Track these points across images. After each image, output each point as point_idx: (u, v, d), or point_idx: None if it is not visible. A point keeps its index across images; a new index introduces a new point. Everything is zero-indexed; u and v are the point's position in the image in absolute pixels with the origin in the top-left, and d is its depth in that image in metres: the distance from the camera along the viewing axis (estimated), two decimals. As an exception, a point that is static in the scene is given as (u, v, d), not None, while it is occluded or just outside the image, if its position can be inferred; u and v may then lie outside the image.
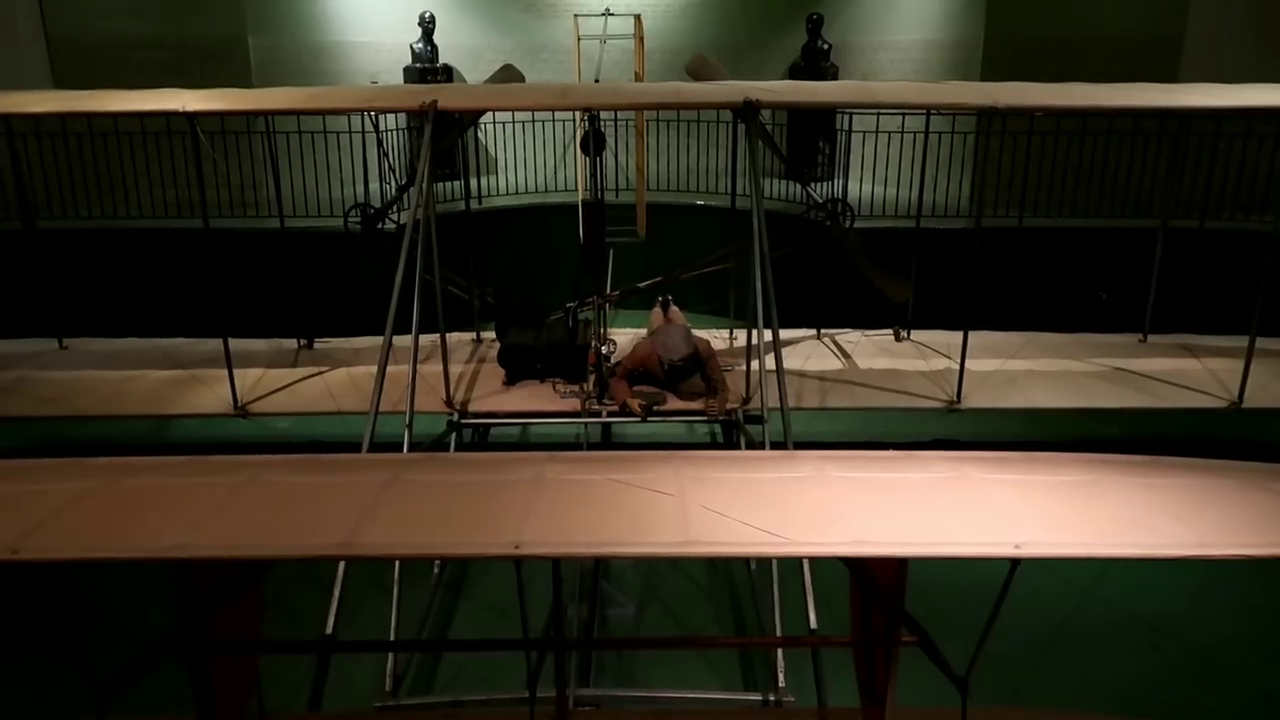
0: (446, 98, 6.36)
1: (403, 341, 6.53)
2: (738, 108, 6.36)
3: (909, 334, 8.72)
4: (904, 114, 10.71)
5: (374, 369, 6.25)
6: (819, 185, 12.10)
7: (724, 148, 12.17)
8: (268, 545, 2.98)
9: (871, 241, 8.68)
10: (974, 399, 7.32)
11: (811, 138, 13.39)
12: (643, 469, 3.46)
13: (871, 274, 8.18)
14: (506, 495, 3.24)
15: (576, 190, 10.92)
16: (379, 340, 6.22)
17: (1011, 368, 7.89)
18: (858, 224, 8.67)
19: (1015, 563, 2.94)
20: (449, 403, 7.12)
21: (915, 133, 10.47)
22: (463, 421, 7.11)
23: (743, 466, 3.69)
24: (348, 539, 2.90)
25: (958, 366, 7.33)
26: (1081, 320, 9.10)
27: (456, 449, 7.11)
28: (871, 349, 8.43)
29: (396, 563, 5.65)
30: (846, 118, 11.60)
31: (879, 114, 11.02)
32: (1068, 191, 11.43)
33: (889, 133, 11.24)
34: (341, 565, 5.24)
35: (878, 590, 3.58)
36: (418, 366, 6.43)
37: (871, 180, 11.82)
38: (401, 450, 6.09)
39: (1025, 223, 10.91)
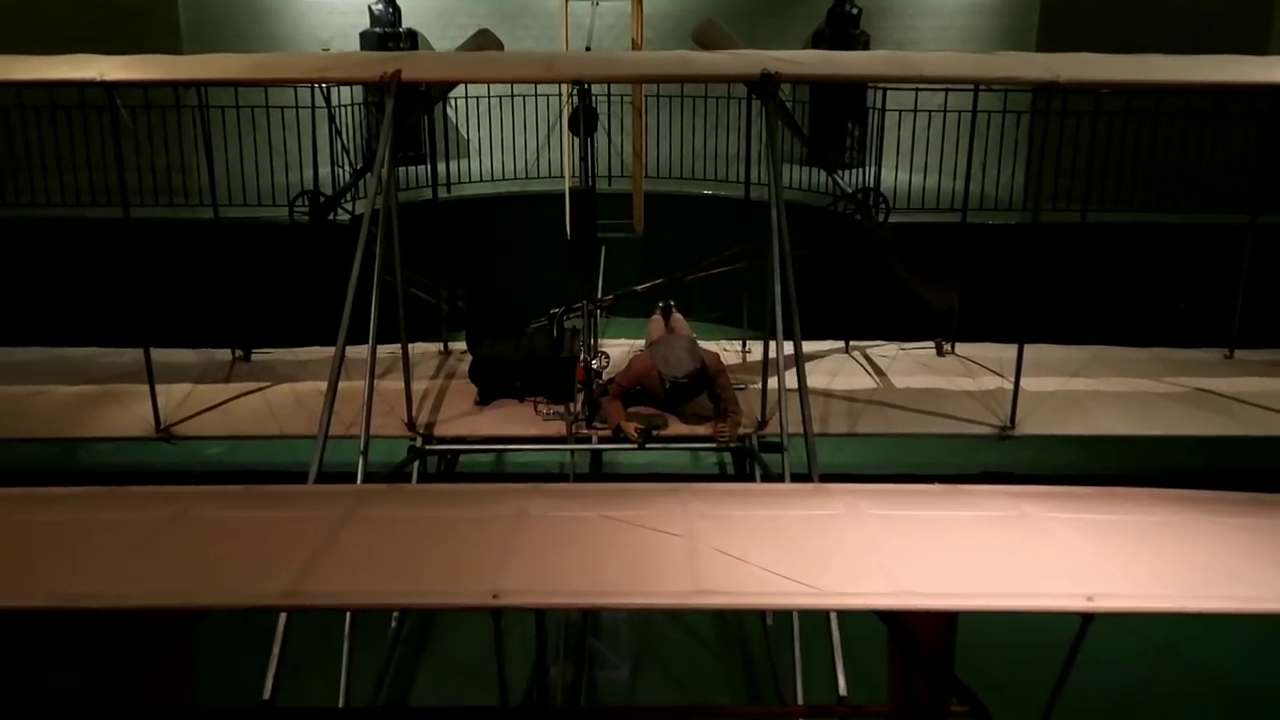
0: (411, 68, 6.36)
1: (357, 353, 6.52)
2: (753, 82, 6.36)
3: (953, 347, 8.72)
4: (947, 90, 10.75)
5: (323, 385, 6.23)
6: (847, 173, 12.14)
7: (736, 129, 12.21)
8: (196, 593, 2.95)
9: (909, 238, 8.69)
10: (1031, 424, 7.31)
11: (839, 117, 13.44)
12: (643, 504, 3.44)
13: (909, 277, 8.17)
14: (481, 535, 3.21)
15: (563, 177, 10.93)
16: (329, 351, 6.21)
17: (1075, 388, 7.90)
18: (893, 218, 8.71)
19: (1087, 618, 2.91)
20: (411, 425, 7.10)
21: (960, 112, 10.50)
22: (427, 448, 7.09)
23: (760, 502, 3.67)
24: (292, 586, 2.89)
25: (1011, 386, 7.33)
26: (1157, 333, 9.11)
27: (420, 480, 7.09)
28: (910, 365, 8.43)
29: (348, 614, 5.62)
30: (879, 94, 11.65)
31: (917, 90, 11.05)
32: (1139, 182, 11.48)
33: (929, 112, 11.28)
34: (283, 617, 5.21)
35: (921, 651, 3.56)
36: (375, 383, 6.41)
37: (909, 167, 11.85)
38: (355, 481, 6.07)
39: (1089, 218, 10.96)
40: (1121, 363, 8.43)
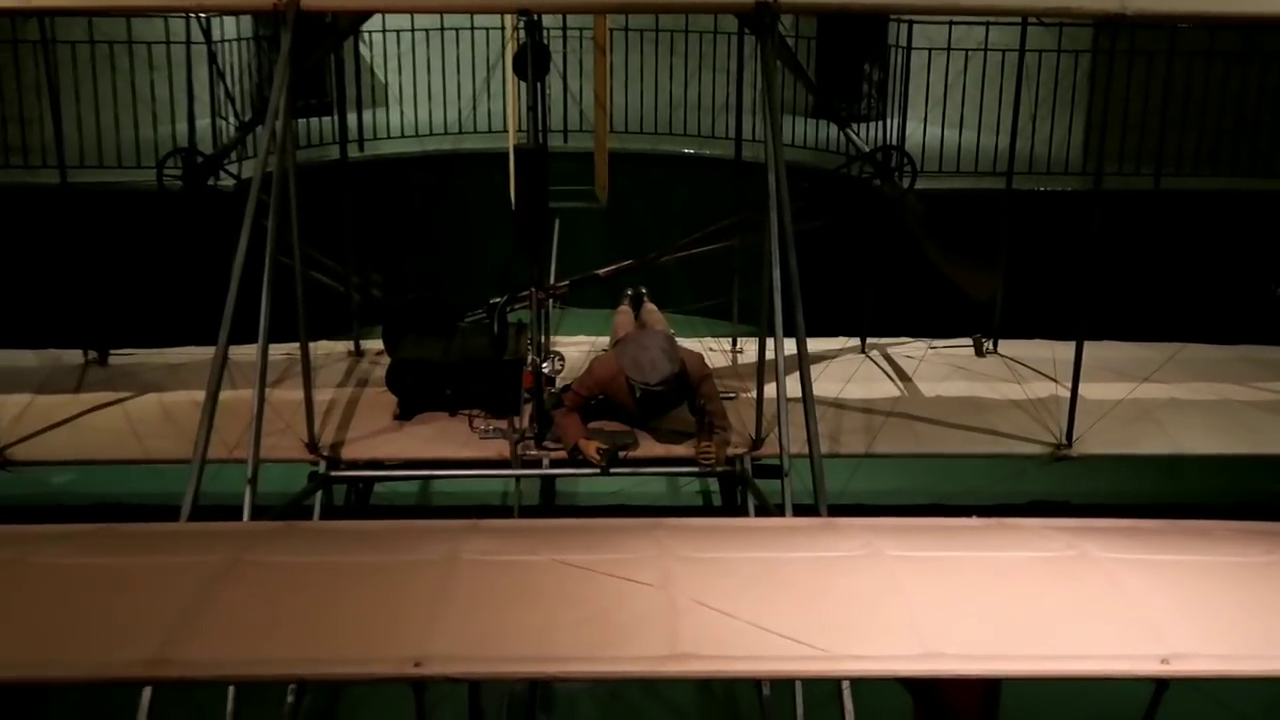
0: (313, -9, 6.34)
1: (244, 355, 6.45)
2: (746, 12, 6.36)
3: (996, 346, 8.76)
4: (988, 23, 10.82)
5: (199, 396, 6.18)
6: (864, 127, 12.18)
7: (725, 72, 12.22)
8: (41, 663, 2.93)
9: (942, 210, 8.73)
10: (1092, 441, 7.35)
11: (853, 58, 13.50)
12: (607, 545, 3.44)
13: (941, 258, 8.21)
14: (401, 586, 3.21)
15: (506, 132, 10.90)
16: (207, 353, 6.16)
17: (1146, 395, 7.97)
18: (921, 184, 8.73)
19: (1161, 685, 2.94)
20: (313, 446, 7.06)
21: (1005, 51, 10.59)
22: (334, 474, 7.06)
23: (754, 542, 3.68)
24: (160, 652, 2.86)
25: (1067, 393, 7.38)
26: (1246, 327, 9.22)
27: (324, 515, 7.05)
28: (942, 368, 8.46)
29: (231, 689, 5.57)
30: (904, 28, 11.72)
31: (951, 23, 11.09)
32: (1226, 139, 11.60)
33: (966, 50, 11.35)
34: (148, 692, 5.16)
35: (956, 726, 3.58)
36: (267, 392, 6.38)
37: (940, 120, 11.92)
38: (241, 518, 6.03)
39: (1164, 184, 11.05)
40: (1203, 364, 8.51)
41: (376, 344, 8.39)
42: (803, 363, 6.17)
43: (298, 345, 7.00)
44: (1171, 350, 8.63)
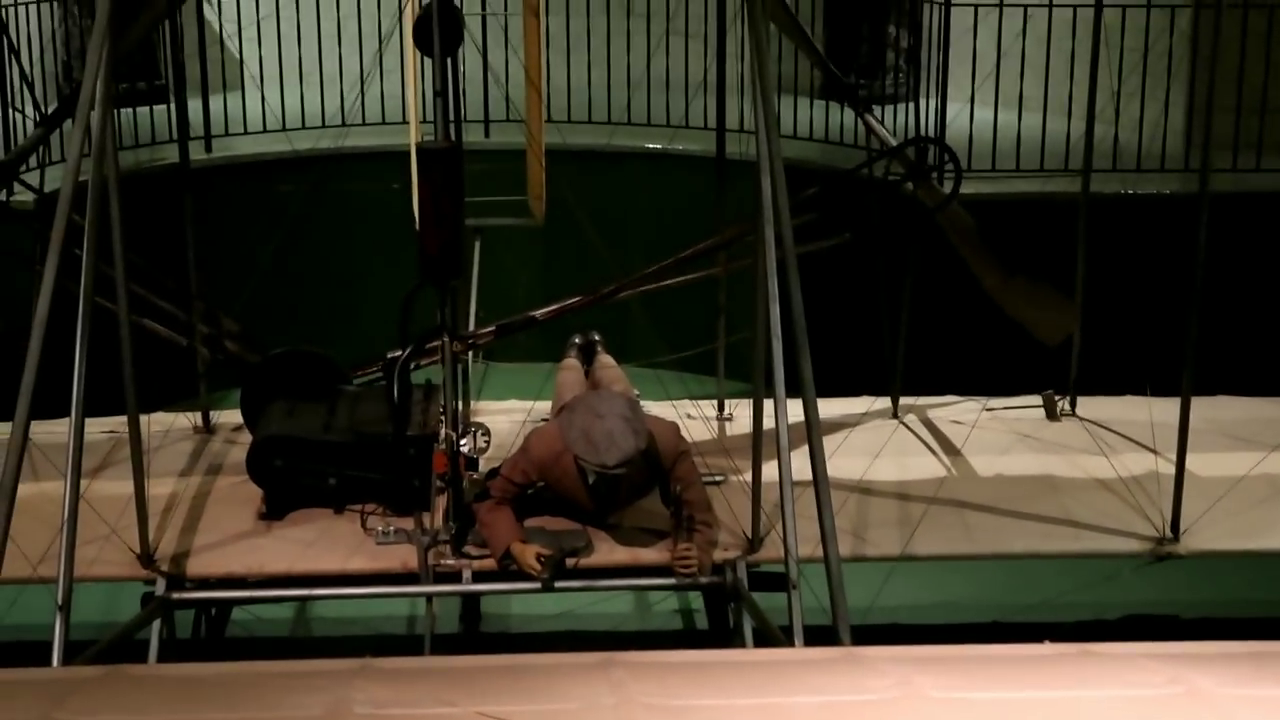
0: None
1: (51, 433, 6.44)
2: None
3: (1073, 405, 8.84)
4: (1053, -29, 10.99)
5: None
6: (890, 112, 12.28)
7: (703, 39, 12.30)
8: None
9: (997, 221, 8.79)
10: (1206, 533, 7.36)
11: (873, 18, 13.64)
12: (550, 691, 3.42)
13: (1000, 287, 8.26)
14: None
15: (406, 124, 10.92)
16: (0, 431, 6.14)
17: (1278, 469, 8.02)
18: (969, 188, 8.78)
19: None
20: (147, 559, 7.03)
21: (1076, 6, 10.72)
22: (176, 596, 7.03)
23: (750, 682, 3.67)
24: None
25: (1170, 468, 7.41)
26: None
27: (163, 653, 6.97)
28: (1002, 437, 8.50)
29: None
30: (940, -21, 11.87)
31: (1005, -30, 11.25)
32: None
33: (1025, 5, 11.49)
34: None
35: None
36: (83, 484, 6.31)
37: (993, 100, 12.05)
38: (50, 660, 5.97)
39: (1293, 183, 11.19)
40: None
41: (234, 416, 8.37)
42: (813, 433, 6.18)
43: (125, 420, 6.97)
44: (1310, 408, 8.73)
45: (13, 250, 8.28)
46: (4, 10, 8.98)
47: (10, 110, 11.00)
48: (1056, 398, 8.81)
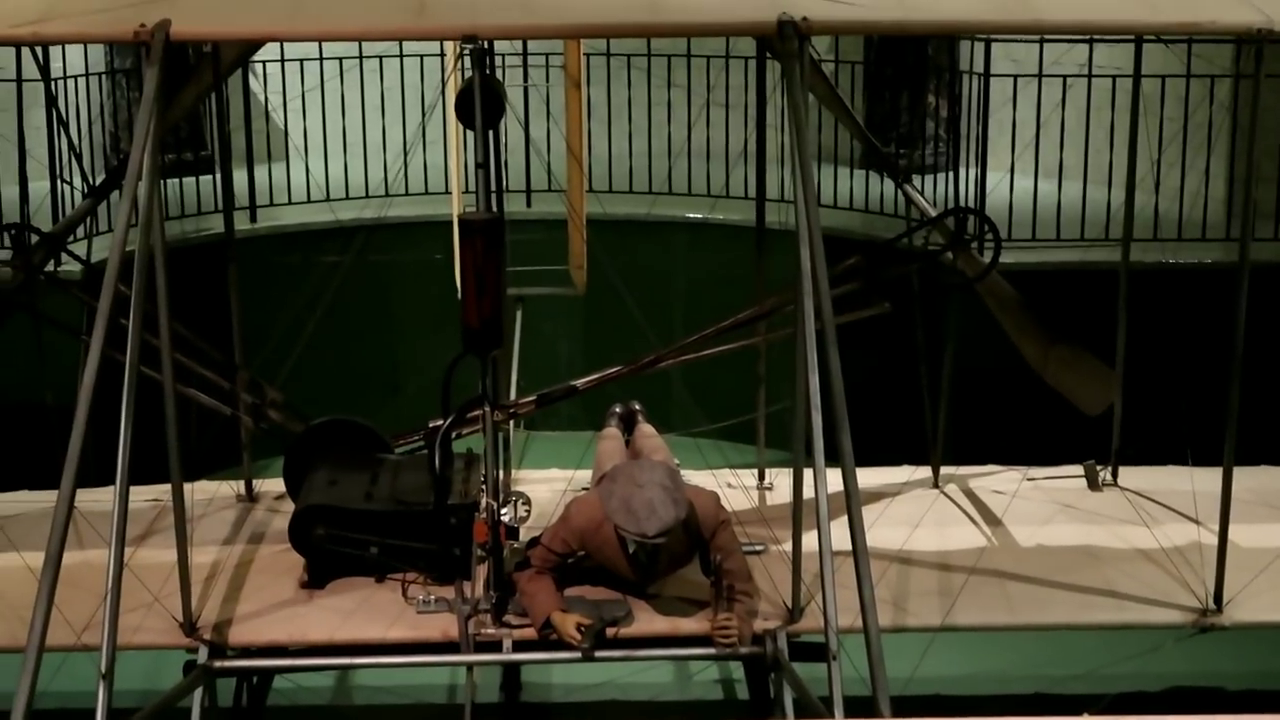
0: (184, 17, 6.41)
1: (96, 501, 6.46)
2: (768, 35, 6.48)
3: (1115, 475, 8.82)
4: (1091, 39, 10.98)
5: (36, 560, 6.16)
6: (929, 181, 12.31)
7: (743, 110, 12.37)
8: None
9: (1038, 291, 8.78)
10: (1250, 604, 7.33)
11: (913, 88, 13.69)
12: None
13: (1041, 356, 8.25)
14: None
15: (449, 195, 10.99)
16: (47, 500, 6.12)
17: (1323, 540, 7.98)
18: (1008, 257, 8.79)
19: None
20: (190, 627, 7.04)
21: (1115, 75, 10.74)
22: (218, 665, 7.02)
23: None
24: None
25: (1214, 539, 7.38)
26: None
27: (205, 721, 7.03)
28: (1043, 506, 8.49)
29: None
30: (980, 48, 11.89)
31: (1041, 40, 11.25)
32: None
33: (1064, 76, 11.51)
34: None
35: None
36: (127, 553, 6.36)
37: (1032, 169, 12.06)
38: (93, 728, 6.00)
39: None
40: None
41: (277, 484, 8.41)
42: (851, 503, 6.15)
43: (169, 488, 7.00)
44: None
45: (60, 320, 8.37)
46: (54, 84, 9.06)
47: (59, 182, 11.11)
48: (1098, 467, 8.81)
